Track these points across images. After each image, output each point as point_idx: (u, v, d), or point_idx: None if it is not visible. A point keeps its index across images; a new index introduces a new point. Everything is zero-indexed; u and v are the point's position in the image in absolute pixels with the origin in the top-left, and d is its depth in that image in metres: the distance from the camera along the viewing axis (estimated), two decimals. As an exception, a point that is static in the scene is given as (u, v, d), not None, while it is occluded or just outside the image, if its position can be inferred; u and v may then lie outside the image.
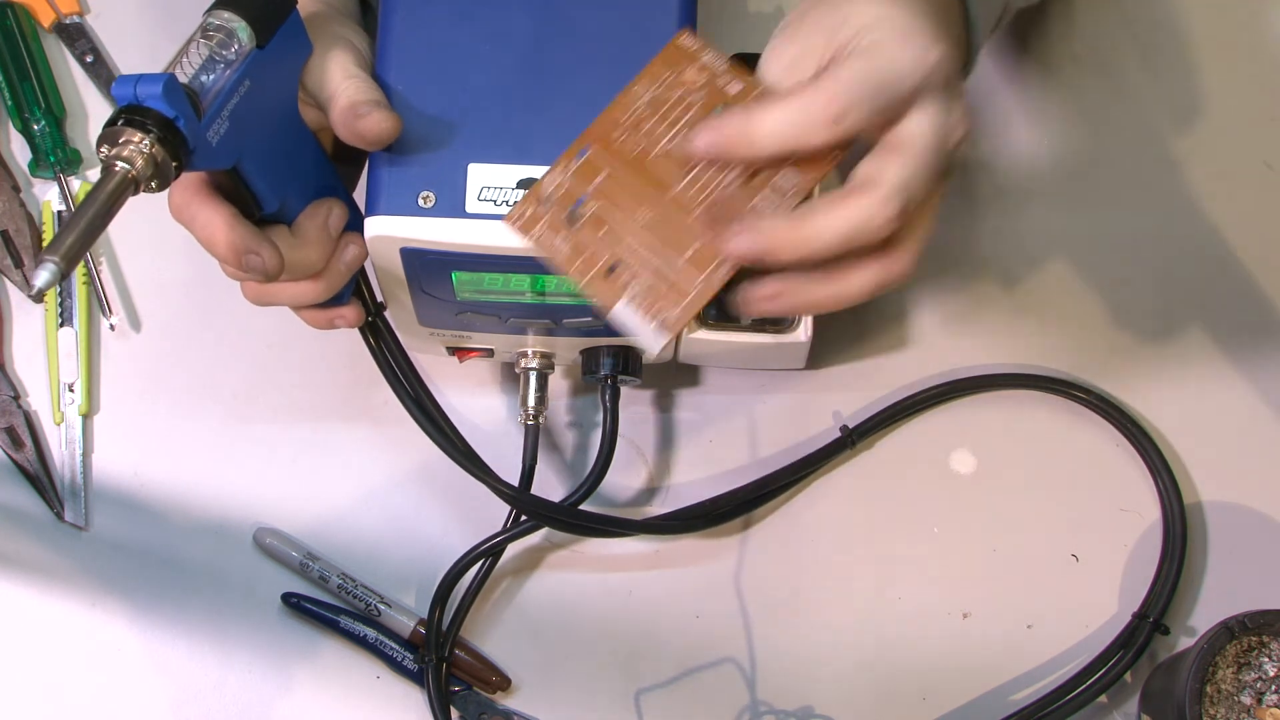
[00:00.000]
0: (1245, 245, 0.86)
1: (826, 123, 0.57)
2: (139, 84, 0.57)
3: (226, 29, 0.61)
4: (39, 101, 0.86)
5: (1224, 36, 0.90)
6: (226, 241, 0.63)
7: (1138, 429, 0.82)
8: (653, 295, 0.59)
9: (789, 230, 0.58)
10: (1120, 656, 0.79)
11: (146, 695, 0.80)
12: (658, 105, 0.60)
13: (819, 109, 0.57)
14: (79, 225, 0.55)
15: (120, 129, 0.57)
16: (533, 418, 0.79)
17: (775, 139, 0.58)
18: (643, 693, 0.80)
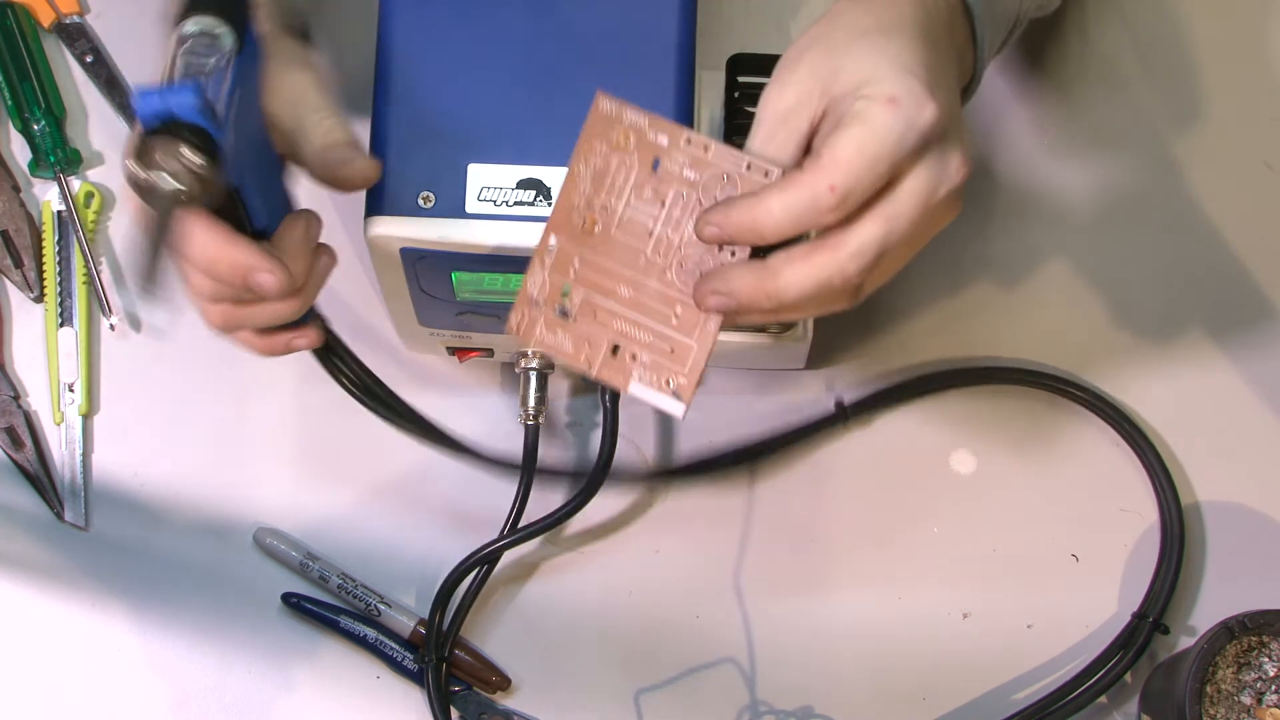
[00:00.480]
0: (1245, 245, 0.86)
1: (831, 208, 0.57)
2: (168, 95, 0.54)
3: (211, 34, 0.58)
4: (39, 101, 0.86)
5: (1224, 37, 0.90)
6: (230, 261, 0.59)
7: (1134, 428, 0.82)
8: (658, 367, 0.61)
9: (757, 285, 0.58)
10: (1120, 657, 0.79)
11: (146, 695, 0.80)
12: (600, 179, 0.61)
13: (823, 195, 0.57)
14: (152, 258, 0.54)
15: (160, 144, 0.54)
16: (533, 418, 0.79)
17: (782, 227, 0.58)
18: (643, 693, 0.80)
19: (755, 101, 0.61)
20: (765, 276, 0.58)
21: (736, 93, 0.74)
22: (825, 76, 0.59)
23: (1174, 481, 0.81)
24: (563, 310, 0.61)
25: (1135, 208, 0.87)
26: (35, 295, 0.85)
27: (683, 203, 0.61)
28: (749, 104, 0.62)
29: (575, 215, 0.61)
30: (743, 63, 0.74)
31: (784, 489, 0.83)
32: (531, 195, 0.66)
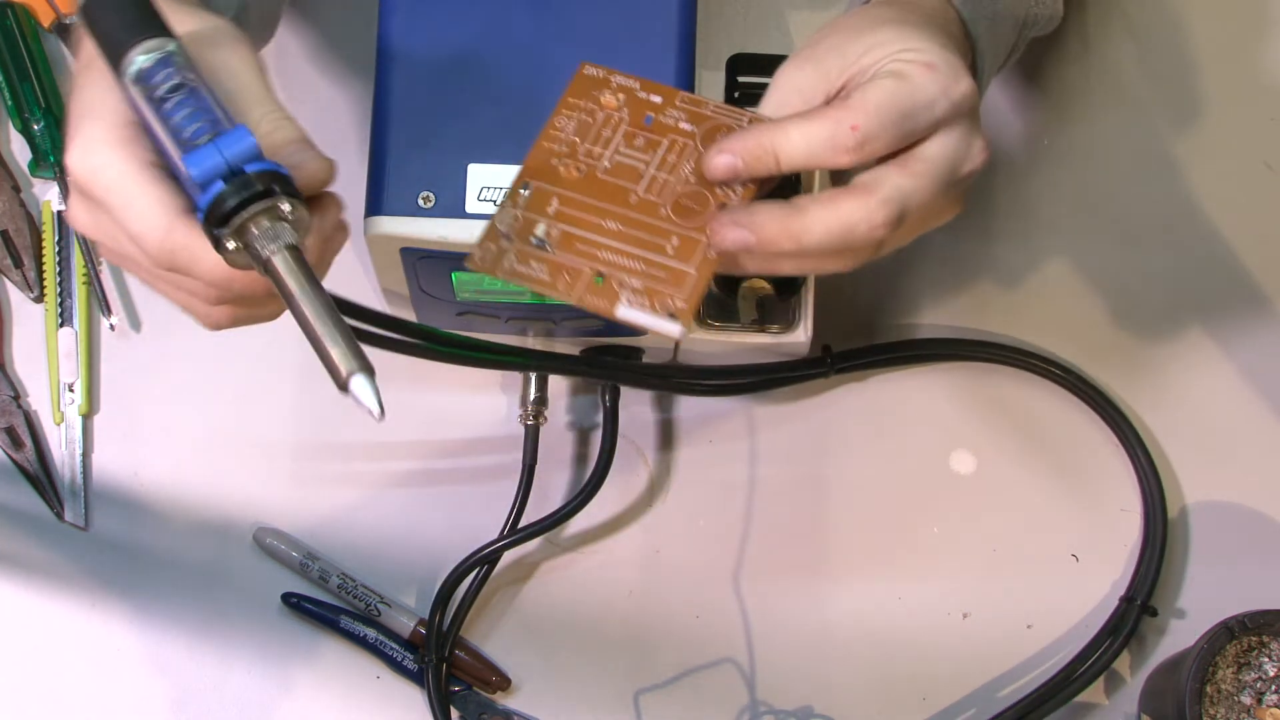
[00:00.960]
0: (1245, 245, 0.86)
1: (849, 148, 0.57)
2: (224, 148, 0.50)
3: (164, 53, 0.52)
4: (39, 101, 0.86)
5: (1224, 37, 0.90)
6: (246, 278, 0.54)
7: (1112, 407, 0.82)
8: (651, 293, 0.57)
9: (782, 222, 0.57)
10: (1110, 643, 0.79)
11: (146, 695, 0.80)
12: (584, 131, 0.59)
13: (844, 133, 0.57)
14: (329, 329, 0.50)
15: (250, 210, 0.50)
16: (533, 418, 0.79)
17: (797, 156, 0.57)
18: (643, 693, 0.80)
19: (756, 102, 0.61)
20: (791, 214, 0.57)
21: (736, 93, 0.74)
22: (850, 53, 0.59)
23: (1153, 458, 0.82)
24: (538, 242, 0.58)
25: (1135, 208, 0.87)
26: (35, 295, 0.85)
27: (679, 149, 0.59)
28: (749, 104, 0.62)
29: (554, 161, 0.59)
30: (743, 63, 0.74)
31: (784, 489, 0.83)
32: (531, 195, 0.66)
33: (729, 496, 0.82)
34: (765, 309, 0.78)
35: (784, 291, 0.77)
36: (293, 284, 0.51)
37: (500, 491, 0.80)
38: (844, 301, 0.84)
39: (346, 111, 0.86)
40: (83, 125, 0.54)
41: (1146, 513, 0.81)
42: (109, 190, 0.53)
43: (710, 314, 0.78)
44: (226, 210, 0.50)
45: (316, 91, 0.87)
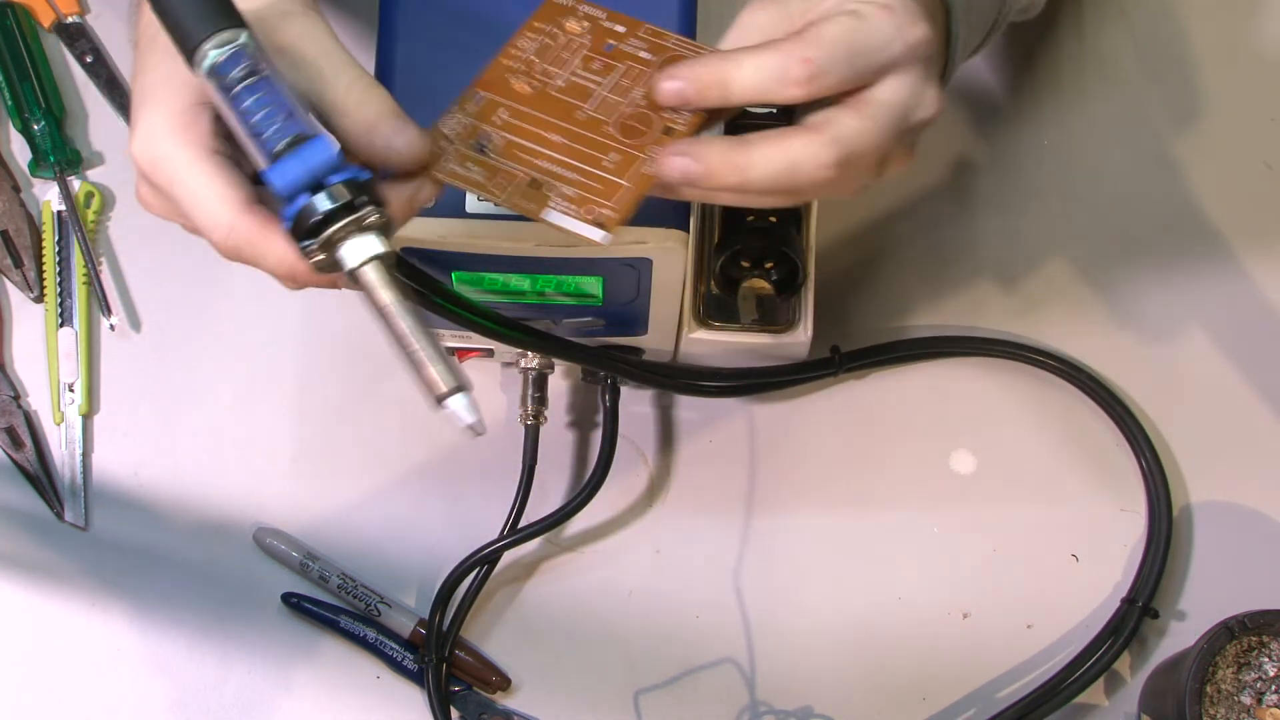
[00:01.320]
0: (1245, 245, 0.86)
1: (800, 80, 0.56)
2: (306, 158, 0.49)
3: (236, 46, 0.51)
4: (39, 101, 0.86)
5: (1224, 37, 0.90)
6: (309, 267, 0.52)
7: (1121, 406, 0.82)
8: (581, 200, 0.57)
9: (727, 155, 0.56)
10: (1111, 643, 0.79)
11: (146, 695, 0.80)
12: (544, 52, 0.60)
13: (795, 65, 0.56)
14: (424, 344, 0.49)
15: (336, 225, 0.50)
16: (533, 418, 0.79)
17: (747, 87, 0.57)
18: (643, 693, 0.80)
19: (756, 102, 0.61)
20: (738, 148, 0.56)
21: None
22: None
23: (1160, 459, 0.82)
24: (479, 146, 0.58)
25: (1135, 208, 0.87)
26: (35, 295, 0.85)
27: (634, 74, 0.59)
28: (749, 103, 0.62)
29: (509, 76, 0.59)
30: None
31: (784, 489, 0.83)
32: (531, 195, 0.66)
33: (729, 496, 0.82)
34: (765, 309, 0.78)
35: (784, 291, 0.77)
36: (385, 296, 0.50)
37: (500, 491, 0.80)
38: (844, 301, 0.85)
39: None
40: (144, 111, 0.54)
41: (1151, 513, 0.81)
42: (172, 182, 0.53)
43: (710, 314, 0.78)
44: (312, 225, 0.50)
45: (316, 91, 0.87)
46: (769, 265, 0.76)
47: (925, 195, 0.87)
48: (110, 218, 0.86)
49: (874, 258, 0.86)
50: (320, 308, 0.85)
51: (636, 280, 0.70)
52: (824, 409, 0.84)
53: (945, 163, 0.87)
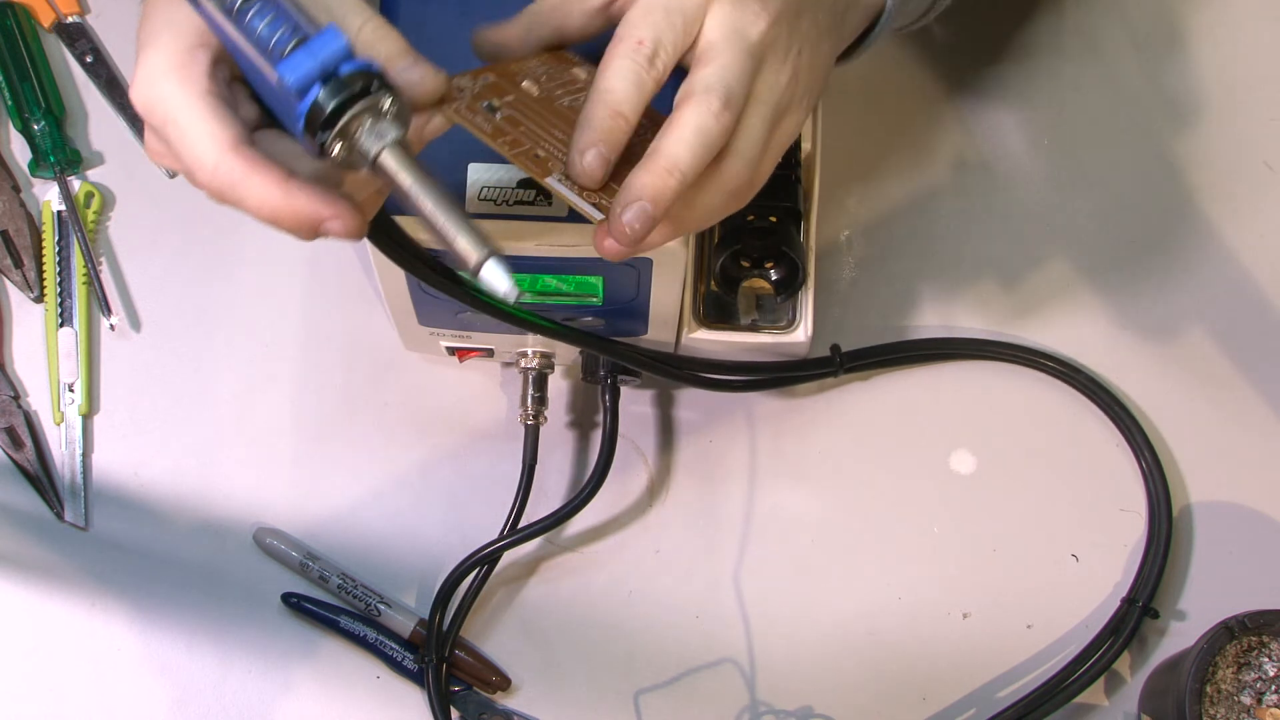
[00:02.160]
0: (1245, 245, 0.86)
1: (648, 59, 0.57)
2: (316, 51, 0.49)
3: None
4: (39, 101, 0.86)
5: (1224, 36, 0.90)
6: (292, 213, 0.53)
7: (1121, 408, 0.82)
8: (580, 188, 0.58)
9: (652, 172, 0.57)
10: (1111, 643, 0.79)
11: (146, 695, 0.80)
12: (552, 77, 0.60)
13: (637, 50, 0.57)
14: (453, 217, 0.50)
15: (352, 110, 0.49)
16: (533, 418, 0.79)
17: (632, 99, 0.57)
18: (643, 693, 0.80)
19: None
20: (654, 158, 0.57)
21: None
22: None
23: (1160, 460, 0.82)
24: (490, 107, 0.58)
25: (1135, 208, 0.87)
26: (35, 295, 0.85)
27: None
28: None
29: (518, 75, 0.60)
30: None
31: (784, 489, 0.83)
32: (532, 195, 0.66)
33: (729, 496, 0.82)
34: (765, 309, 0.78)
35: (784, 291, 0.77)
36: (408, 178, 0.50)
37: (500, 491, 0.80)
38: (844, 301, 0.85)
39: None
40: (146, 54, 0.55)
41: (1151, 513, 0.81)
42: (165, 121, 0.54)
43: (710, 314, 0.78)
44: (328, 114, 0.49)
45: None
46: (769, 265, 0.76)
47: (925, 195, 0.87)
48: (110, 218, 0.86)
49: (874, 258, 0.86)
50: (320, 308, 0.85)
51: (636, 280, 0.70)
52: (824, 409, 0.84)
53: (945, 163, 0.87)
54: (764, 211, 0.75)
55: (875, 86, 0.88)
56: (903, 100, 0.88)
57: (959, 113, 0.88)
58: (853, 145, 0.86)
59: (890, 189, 0.87)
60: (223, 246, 0.86)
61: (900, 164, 0.87)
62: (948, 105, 0.88)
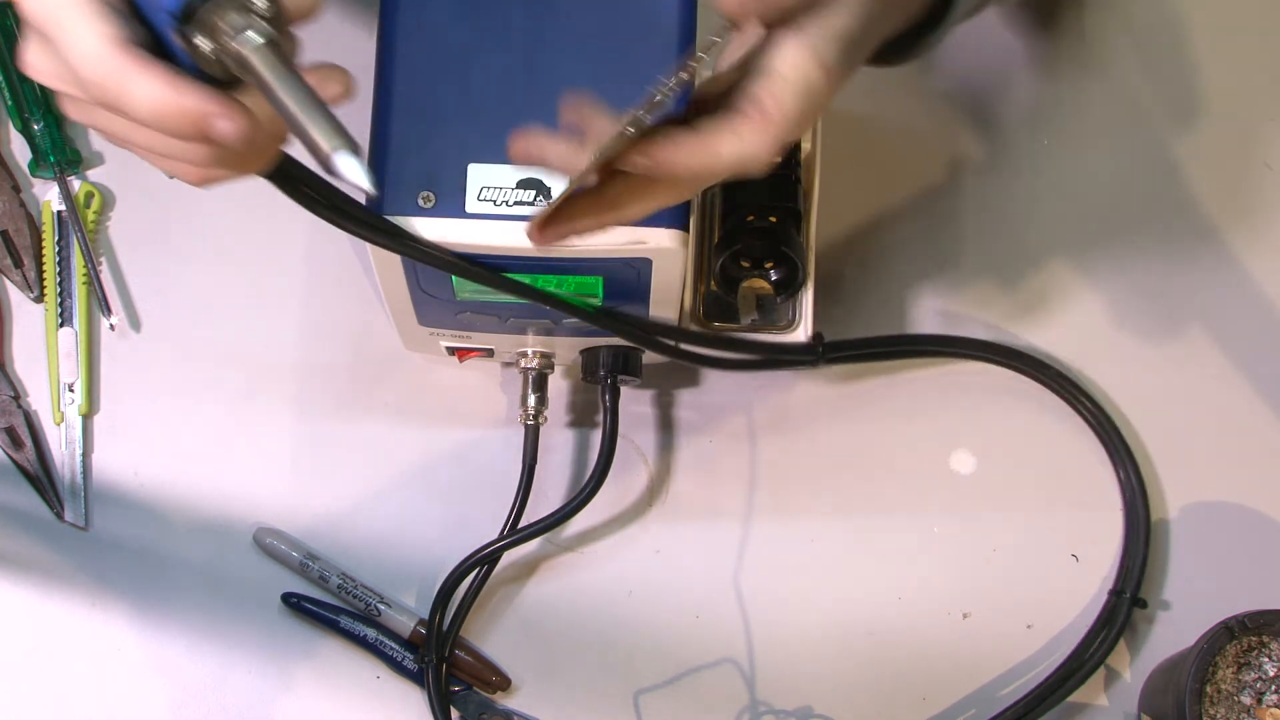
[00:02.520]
0: (1245, 245, 0.86)
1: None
2: None
3: None
4: (39, 101, 0.86)
5: (1224, 36, 0.90)
6: (179, 110, 0.51)
7: (1091, 402, 0.83)
8: None
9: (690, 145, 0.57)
10: (1104, 637, 0.79)
11: (146, 695, 0.80)
12: None
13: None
14: (310, 113, 0.49)
15: (218, 8, 0.49)
16: (533, 418, 0.79)
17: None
18: (643, 693, 0.80)
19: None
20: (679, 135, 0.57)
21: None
22: None
23: (1131, 451, 0.82)
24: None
25: (1135, 208, 0.87)
26: (35, 295, 0.85)
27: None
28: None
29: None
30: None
31: (784, 489, 0.83)
32: (531, 195, 0.66)
33: (729, 496, 0.82)
34: (765, 309, 0.78)
35: (784, 291, 0.77)
36: (270, 75, 0.50)
37: (500, 491, 0.80)
38: (844, 302, 0.85)
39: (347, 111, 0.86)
40: None
41: (1127, 505, 0.81)
42: (47, 18, 0.52)
43: (710, 314, 0.78)
44: (201, 13, 0.50)
45: (316, 91, 0.87)
46: (769, 265, 0.76)
47: (925, 195, 0.87)
48: (110, 218, 0.86)
49: (874, 258, 0.86)
50: (320, 308, 0.85)
51: (637, 280, 0.70)
52: (824, 410, 0.84)
53: (945, 163, 0.87)
54: (764, 211, 0.75)
55: (875, 87, 0.88)
56: (903, 100, 0.88)
57: (959, 113, 0.88)
58: (853, 145, 0.85)
59: (890, 189, 0.87)
60: (223, 246, 0.86)
61: (900, 164, 0.87)
62: (948, 105, 0.88)
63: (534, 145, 0.58)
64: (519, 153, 0.58)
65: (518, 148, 0.58)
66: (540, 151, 0.58)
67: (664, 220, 0.66)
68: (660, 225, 0.66)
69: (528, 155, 0.58)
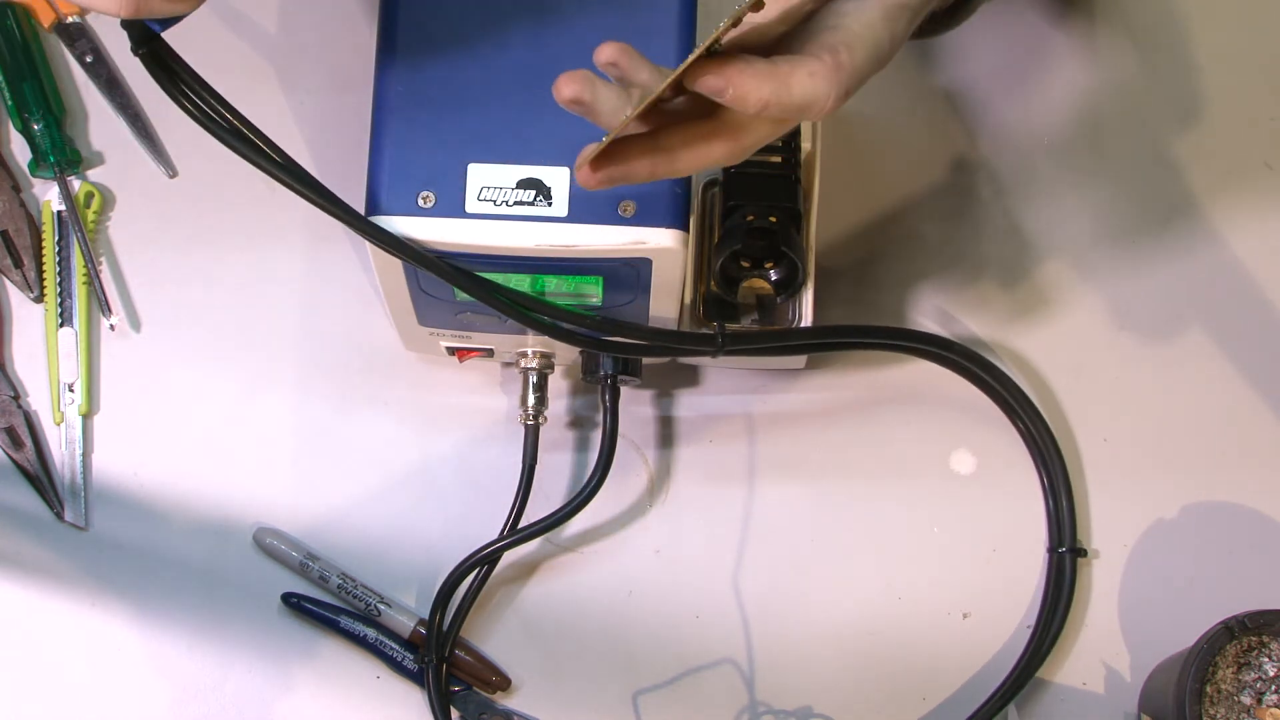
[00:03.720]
0: (1245, 245, 0.86)
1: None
2: None
3: None
4: (39, 101, 0.86)
5: (1224, 36, 0.90)
6: None
7: (1002, 377, 0.82)
8: None
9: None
10: (1059, 595, 0.80)
11: (146, 695, 0.80)
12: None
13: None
14: None
15: None
16: (533, 418, 0.79)
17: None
18: (643, 693, 0.80)
19: None
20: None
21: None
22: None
23: (1040, 412, 0.82)
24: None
25: (1135, 208, 0.87)
26: (35, 295, 0.85)
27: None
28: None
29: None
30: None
31: (784, 489, 0.83)
32: (531, 195, 0.66)
33: (729, 496, 0.82)
34: (765, 309, 0.78)
35: (784, 291, 0.77)
36: None
37: (500, 491, 0.80)
38: (844, 302, 0.85)
39: (347, 111, 0.86)
40: None
41: (1036, 455, 0.82)
42: None
43: (710, 314, 0.78)
44: None
45: (317, 91, 0.87)
46: (769, 265, 0.76)
47: (925, 195, 0.87)
48: (110, 218, 0.86)
49: (874, 258, 0.86)
50: (320, 308, 0.85)
51: (636, 280, 0.70)
52: (824, 410, 0.84)
53: (945, 162, 0.87)
54: (764, 211, 0.75)
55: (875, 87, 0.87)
56: (903, 100, 0.88)
57: (959, 113, 0.88)
58: (853, 145, 0.85)
59: (890, 188, 0.87)
60: (223, 246, 0.86)
61: (900, 164, 0.87)
62: (948, 105, 0.88)
63: (584, 86, 0.56)
64: (566, 93, 0.56)
65: (565, 87, 0.56)
66: (591, 92, 0.56)
67: (664, 220, 0.66)
68: (660, 225, 0.66)
69: (577, 96, 0.56)
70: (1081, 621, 0.81)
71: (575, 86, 0.56)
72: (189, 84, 0.60)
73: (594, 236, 0.66)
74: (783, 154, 0.76)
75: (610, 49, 0.56)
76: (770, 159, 0.76)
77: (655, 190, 0.67)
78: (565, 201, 0.66)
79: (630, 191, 0.66)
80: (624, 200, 0.67)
